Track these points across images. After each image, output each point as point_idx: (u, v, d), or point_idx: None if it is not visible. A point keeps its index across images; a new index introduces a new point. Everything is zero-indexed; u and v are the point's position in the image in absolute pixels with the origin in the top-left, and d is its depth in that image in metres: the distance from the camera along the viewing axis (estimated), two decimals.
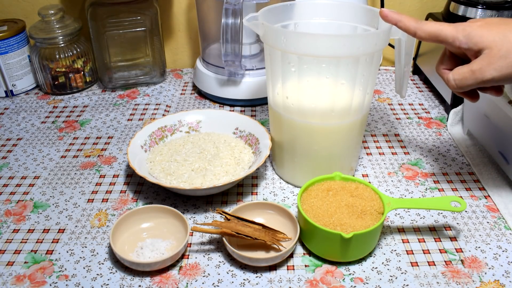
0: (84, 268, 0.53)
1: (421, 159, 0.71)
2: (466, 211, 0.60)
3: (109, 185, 0.66)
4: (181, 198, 0.63)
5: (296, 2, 0.66)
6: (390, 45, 0.94)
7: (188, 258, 0.54)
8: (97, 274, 0.52)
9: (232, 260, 0.54)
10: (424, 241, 0.56)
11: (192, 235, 0.57)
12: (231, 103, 0.87)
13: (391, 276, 0.51)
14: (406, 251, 0.55)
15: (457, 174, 0.68)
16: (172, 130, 0.72)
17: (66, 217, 0.60)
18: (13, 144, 0.77)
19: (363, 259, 0.54)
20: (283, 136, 0.63)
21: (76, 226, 0.59)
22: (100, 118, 0.84)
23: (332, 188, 0.56)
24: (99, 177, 0.68)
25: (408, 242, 0.56)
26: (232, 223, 0.53)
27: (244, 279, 0.51)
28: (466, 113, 0.75)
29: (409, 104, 0.87)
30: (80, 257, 0.54)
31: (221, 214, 0.54)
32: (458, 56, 0.52)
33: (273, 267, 0.53)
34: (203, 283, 0.51)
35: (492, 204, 0.62)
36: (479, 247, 0.55)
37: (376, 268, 0.52)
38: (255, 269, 0.52)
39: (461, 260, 0.53)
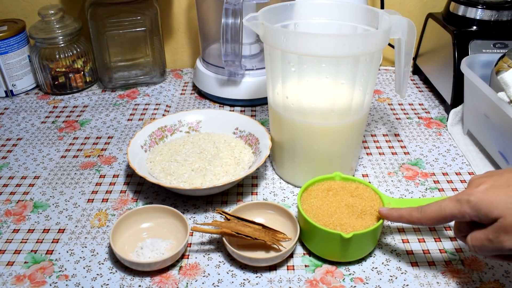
0: (84, 268, 0.53)
1: (421, 159, 0.71)
2: None
3: (109, 185, 0.66)
4: (181, 198, 0.63)
5: (296, 2, 0.66)
6: (390, 45, 0.94)
7: (188, 258, 0.54)
8: (97, 274, 0.52)
9: (232, 260, 0.54)
10: (424, 241, 0.56)
11: (192, 235, 0.57)
12: (231, 103, 0.87)
13: (391, 276, 0.51)
14: (406, 251, 0.55)
15: (457, 174, 0.68)
16: (172, 130, 0.72)
17: (66, 217, 0.60)
18: (13, 144, 0.77)
19: (363, 259, 0.53)
20: (283, 136, 0.63)
21: (76, 226, 0.59)
22: (100, 118, 0.84)
23: (332, 188, 0.56)
24: (99, 177, 0.68)
25: (408, 242, 0.56)
26: (232, 223, 0.53)
27: (244, 279, 0.51)
28: (466, 113, 0.75)
29: (409, 104, 0.87)
30: (80, 257, 0.54)
31: (221, 214, 0.54)
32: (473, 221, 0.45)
33: (273, 267, 0.53)
34: (203, 283, 0.51)
35: None
36: None
37: (376, 268, 0.52)
38: (255, 269, 0.52)
39: (461, 260, 0.53)
